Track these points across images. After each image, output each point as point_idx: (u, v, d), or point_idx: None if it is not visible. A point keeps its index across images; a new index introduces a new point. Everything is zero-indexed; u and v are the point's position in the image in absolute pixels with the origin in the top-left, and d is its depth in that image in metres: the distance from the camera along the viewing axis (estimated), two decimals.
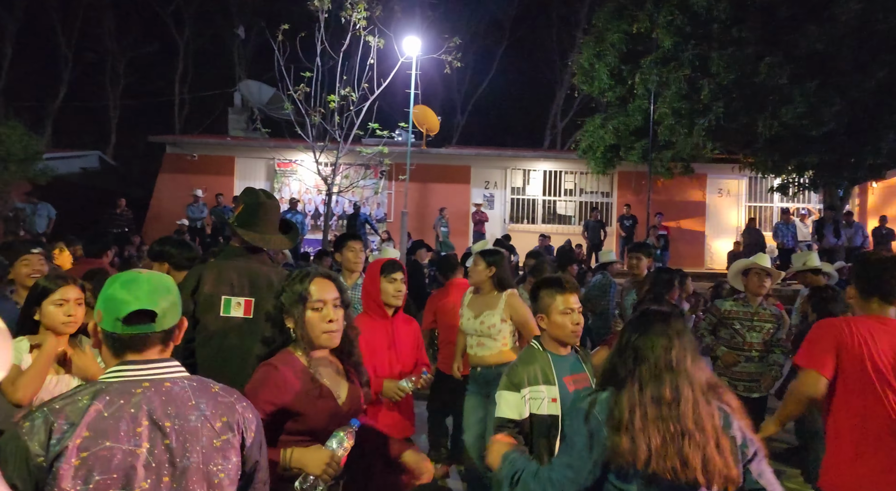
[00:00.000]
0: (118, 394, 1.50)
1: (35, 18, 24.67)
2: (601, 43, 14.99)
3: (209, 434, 1.54)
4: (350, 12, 11.53)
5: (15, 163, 13.21)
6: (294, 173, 17.10)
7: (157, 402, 1.51)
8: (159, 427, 1.49)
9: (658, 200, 16.24)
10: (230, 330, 3.00)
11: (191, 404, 1.55)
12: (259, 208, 3.13)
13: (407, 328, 3.42)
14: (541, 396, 2.57)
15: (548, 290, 2.72)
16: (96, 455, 1.42)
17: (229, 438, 1.57)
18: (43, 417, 1.44)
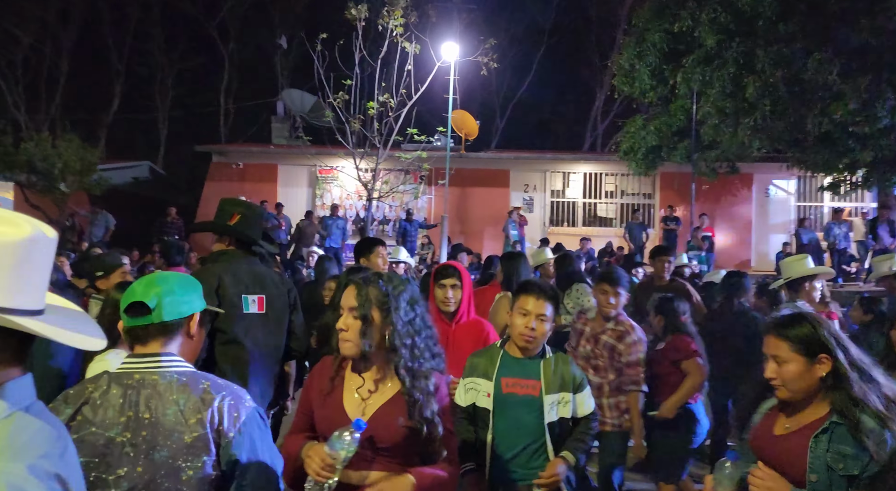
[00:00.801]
0: (113, 383, 1.64)
1: (89, 35, 25.74)
2: (642, 43, 14.77)
3: (181, 429, 1.60)
4: (387, 20, 11.66)
5: (72, 174, 13.79)
6: (335, 179, 17.36)
7: (142, 394, 1.62)
8: (139, 418, 1.59)
9: (702, 201, 15.89)
10: (251, 326, 3.26)
11: (171, 398, 1.61)
12: (260, 218, 3.58)
13: (467, 334, 3.38)
14: (477, 388, 2.75)
15: (520, 291, 2.79)
16: (83, 438, 1.56)
17: (201, 435, 1.60)
18: (62, 398, 1.64)
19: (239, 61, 27.31)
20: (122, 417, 1.60)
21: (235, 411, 1.65)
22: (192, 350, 1.77)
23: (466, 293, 3.41)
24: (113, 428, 1.58)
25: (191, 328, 1.75)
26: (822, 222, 16.80)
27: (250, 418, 1.67)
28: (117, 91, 26.30)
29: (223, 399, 1.65)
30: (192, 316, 1.75)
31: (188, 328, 1.75)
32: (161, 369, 1.66)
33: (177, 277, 1.78)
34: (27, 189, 14.13)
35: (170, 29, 26.17)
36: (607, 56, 21.72)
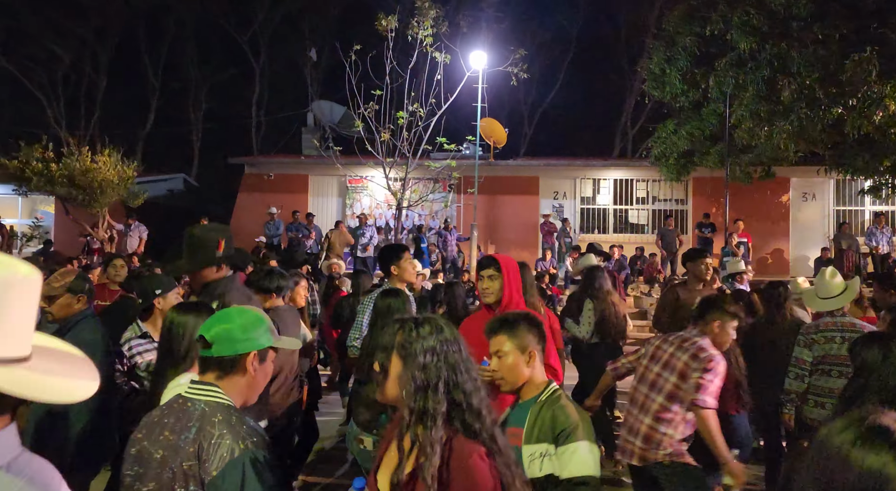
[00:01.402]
0: (169, 404, 1.82)
1: (126, 52, 26.45)
2: (672, 47, 14.60)
3: (182, 456, 1.68)
4: (416, 30, 11.75)
5: (110, 188, 14.14)
6: (365, 189, 17.49)
7: (175, 417, 1.75)
8: (168, 439, 1.72)
9: (737, 206, 15.59)
10: None
11: (188, 425, 1.72)
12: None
13: None
14: None
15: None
16: (139, 450, 1.75)
17: (192, 465, 1.66)
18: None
19: (270, 74, 27.78)
20: (161, 435, 1.73)
21: (225, 451, 1.65)
22: (247, 385, 1.84)
23: (509, 283, 3.31)
24: (155, 445, 1.72)
25: (247, 364, 1.82)
26: (863, 227, 16.34)
27: (237, 461, 1.64)
28: (153, 106, 26.96)
29: (219, 436, 1.67)
30: (248, 354, 1.82)
31: (244, 364, 1.81)
32: (197, 397, 1.77)
33: (243, 314, 1.86)
34: (68, 203, 14.53)
35: (203, 43, 26.77)
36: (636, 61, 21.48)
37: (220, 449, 1.65)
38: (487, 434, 1.70)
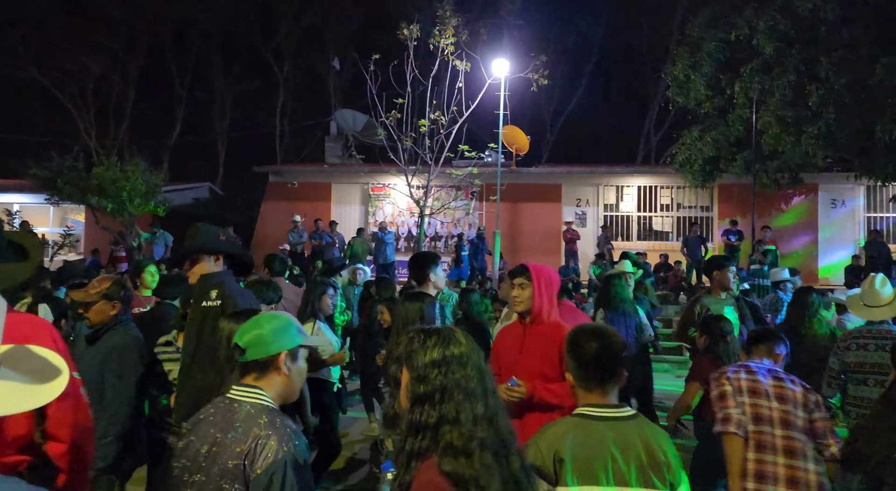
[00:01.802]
0: (216, 403, 1.96)
1: (153, 63, 27.01)
2: (697, 53, 14.48)
3: (229, 454, 1.80)
4: (438, 38, 11.81)
5: (139, 196, 14.40)
6: (387, 197, 17.57)
7: (224, 417, 1.88)
8: (215, 437, 1.85)
9: (764, 213, 15.36)
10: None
11: (235, 425, 1.84)
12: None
13: (541, 336, 3.19)
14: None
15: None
16: (186, 446, 1.91)
17: (237, 464, 1.79)
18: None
19: (293, 83, 28.12)
20: (208, 432, 1.88)
21: (269, 451, 1.76)
22: (283, 383, 1.97)
23: (540, 293, 3.22)
24: (202, 440, 1.87)
25: (280, 364, 1.95)
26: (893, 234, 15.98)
27: (280, 462, 1.75)
28: (179, 116, 27.45)
29: (266, 438, 1.79)
30: (279, 354, 1.95)
31: (277, 364, 1.95)
32: (242, 399, 1.92)
33: (271, 319, 2.01)
34: (98, 211, 14.82)
35: (228, 55, 27.22)
36: (660, 67, 21.33)
37: (265, 449, 1.76)
38: (479, 460, 1.58)
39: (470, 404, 1.64)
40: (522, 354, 3.21)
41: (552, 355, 3.07)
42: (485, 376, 1.70)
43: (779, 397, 2.98)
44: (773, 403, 2.96)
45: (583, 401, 2.18)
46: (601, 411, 2.13)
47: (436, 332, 1.74)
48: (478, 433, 1.61)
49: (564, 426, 2.14)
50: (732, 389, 3.02)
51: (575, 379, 2.20)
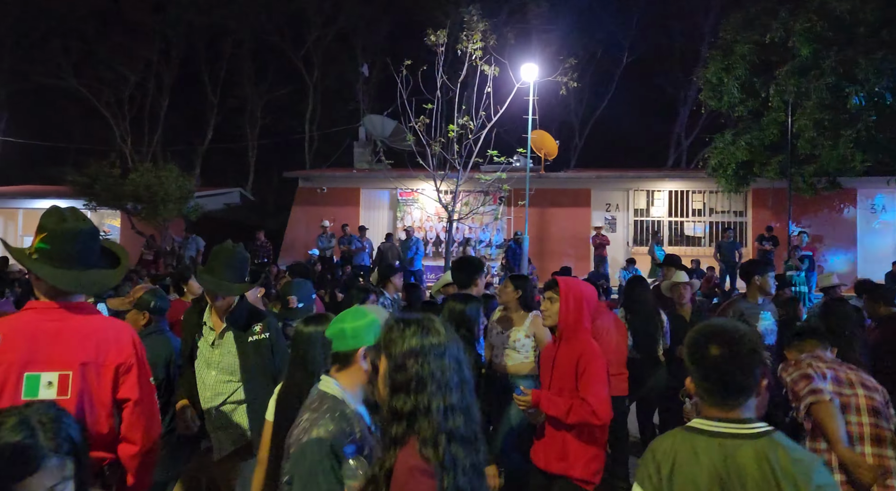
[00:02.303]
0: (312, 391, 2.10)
1: (186, 71, 27.53)
2: (730, 55, 14.24)
3: (290, 435, 1.97)
4: (466, 44, 11.81)
5: (172, 201, 14.67)
6: (416, 202, 17.60)
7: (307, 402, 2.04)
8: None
9: (800, 218, 15.00)
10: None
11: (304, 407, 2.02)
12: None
13: (568, 352, 3.19)
14: None
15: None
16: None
17: (289, 443, 1.95)
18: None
19: (323, 90, 28.40)
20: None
21: (302, 433, 1.86)
22: (361, 378, 2.02)
23: (567, 308, 3.19)
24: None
25: (357, 359, 2.02)
26: None
27: (308, 443, 1.82)
28: (211, 123, 27.93)
29: (308, 420, 1.89)
30: (357, 349, 2.02)
31: (355, 359, 2.02)
32: (319, 386, 2.04)
33: (356, 315, 2.07)
34: (133, 216, 15.13)
35: (259, 62, 27.61)
36: (691, 70, 21.04)
37: (302, 430, 1.86)
38: (446, 451, 1.61)
39: (443, 395, 1.65)
40: (554, 368, 3.26)
41: (581, 372, 3.13)
42: (462, 367, 1.71)
43: (862, 385, 2.89)
44: (859, 391, 2.87)
45: (703, 412, 1.86)
46: (717, 426, 1.77)
47: (415, 321, 1.74)
48: (448, 424, 1.63)
49: (672, 440, 1.85)
50: (815, 374, 2.89)
51: (696, 387, 1.88)
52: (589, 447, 3.12)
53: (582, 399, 3.03)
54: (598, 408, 3.01)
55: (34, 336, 1.99)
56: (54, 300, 2.07)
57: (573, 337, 3.21)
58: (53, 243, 2.10)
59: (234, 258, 3.20)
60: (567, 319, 3.21)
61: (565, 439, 3.13)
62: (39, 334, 2.00)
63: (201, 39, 26.86)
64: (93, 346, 2.08)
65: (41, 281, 2.09)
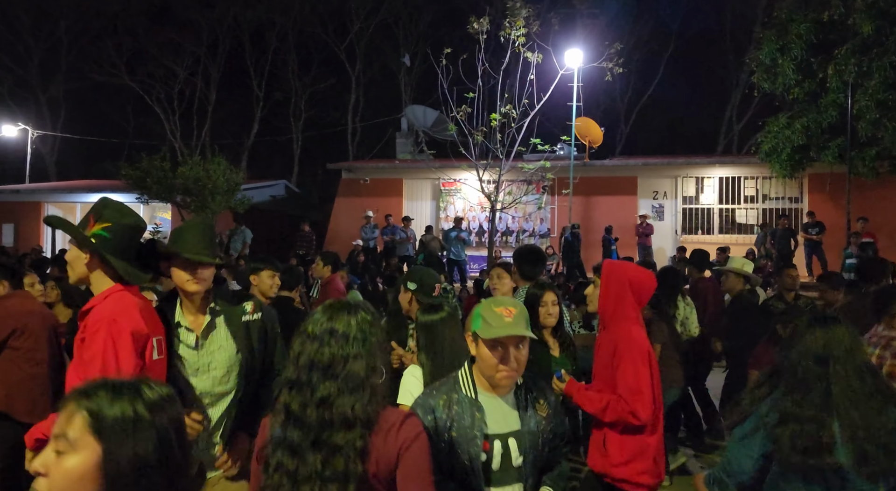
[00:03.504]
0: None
1: (233, 65, 28.07)
2: (785, 36, 13.63)
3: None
4: (509, 31, 11.62)
5: (220, 194, 14.96)
6: (458, 192, 17.53)
7: None
8: None
9: (860, 205, 14.31)
10: None
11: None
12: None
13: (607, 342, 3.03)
14: None
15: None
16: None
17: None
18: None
19: (365, 81, 28.56)
20: None
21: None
22: (478, 362, 2.09)
23: (606, 294, 3.01)
24: None
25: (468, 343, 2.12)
26: None
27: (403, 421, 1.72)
28: (257, 116, 28.43)
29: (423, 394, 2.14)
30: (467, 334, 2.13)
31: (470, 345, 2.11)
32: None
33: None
34: (182, 209, 15.51)
35: (303, 55, 27.94)
36: (743, 52, 20.30)
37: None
38: (287, 432, 1.63)
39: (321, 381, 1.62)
40: (597, 359, 3.08)
41: (610, 363, 2.94)
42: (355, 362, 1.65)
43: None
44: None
45: None
46: None
47: (340, 305, 1.73)
48: (304, 413, 1.61)
49: None
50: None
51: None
52: (631, 444, 2.85)
53: (619, 396, 2.83)
54: (636, 406, 2.78)
55: (146, 308, 2.37)
56: (119, 283, 2.34)
57: (612, 324, 2.99)
58: (115, 235, 2.32)
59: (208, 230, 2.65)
60: (606, 304, 3.01)
61: (606, 436, 2.92)
62: (145, 307, 2.35)
63: (246, 34, 27.32)
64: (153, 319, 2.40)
65: (107, 266, 2.31)
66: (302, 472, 1.60)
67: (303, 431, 1.62)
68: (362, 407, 1.62)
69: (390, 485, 1.66)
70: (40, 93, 28.00)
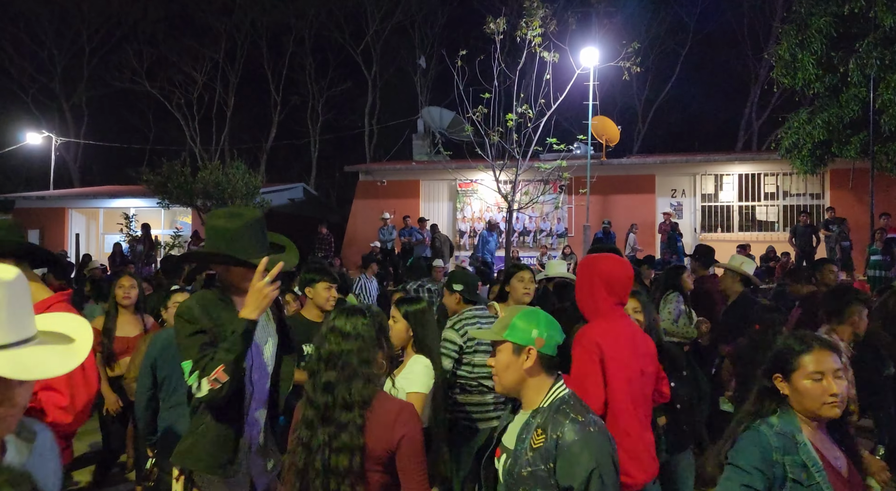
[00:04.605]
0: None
1: (251, 70, 28.35)
2: (805, 30, 13.46)
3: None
4: (525, 30, 11.61)
5: (239, 198, 15.14)
6: (475, 192, 17.54)
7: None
8: None
9: (885, 200, 14.08)
10: None
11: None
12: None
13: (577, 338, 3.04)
14: None
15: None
16: None
17: None
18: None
19: (381, 83, 28.69)
20: None
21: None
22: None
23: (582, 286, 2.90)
24: None
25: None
26: None
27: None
28: (275, 120, 28.68)
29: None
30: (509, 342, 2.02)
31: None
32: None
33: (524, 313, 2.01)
34: (203, 213, 15.71)
35: (319, 58, 28.14)
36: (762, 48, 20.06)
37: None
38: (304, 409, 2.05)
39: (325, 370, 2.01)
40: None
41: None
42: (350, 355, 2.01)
43: None
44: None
45: None
46: None
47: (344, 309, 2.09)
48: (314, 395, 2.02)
49: None
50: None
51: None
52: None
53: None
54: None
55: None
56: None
57: (589, 319, 2.81)
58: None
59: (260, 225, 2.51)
60: (581, 299, 2.85)
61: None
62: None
63: (264, 39, 27.59)
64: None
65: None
66: (314, 443, 1.98)
67: (314, 410, 2.00)
68: (357, 392, 1.98)
69: (387, 464, 2.00)
70: (63, 101, 28.52)
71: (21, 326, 1.25)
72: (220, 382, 2.17)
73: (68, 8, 26.14)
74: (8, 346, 1.22)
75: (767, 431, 1.89)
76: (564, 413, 1.87)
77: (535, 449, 1.85)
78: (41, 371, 1.26)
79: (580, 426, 1.83)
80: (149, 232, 15.80)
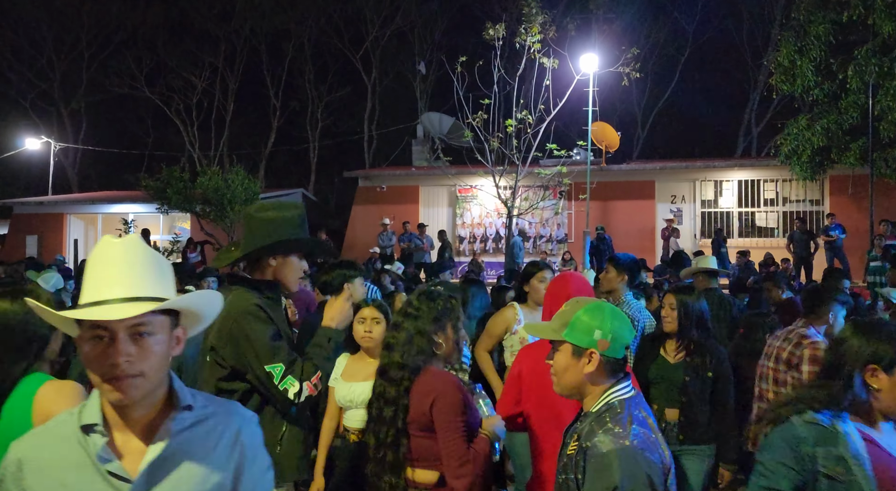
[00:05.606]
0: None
1: (250, 75, 28.37)
2: (804, 37, 13.53)
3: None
4: (524, 37, 11.63)
5: (239, 203, 15.10)
6: (475, 198, 17.54)
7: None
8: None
9: (884, 206, 14.09)
10: None
11: None
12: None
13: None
14: None
15: None
16: None
17: None
18: None
19: (381, 89, 28.70)
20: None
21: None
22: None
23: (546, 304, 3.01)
24: None
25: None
26: None
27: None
28: (274, 125, 28.68)
29: None
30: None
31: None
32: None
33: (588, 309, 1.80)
34: (202, 219, 15.68)
35: (319, 64, 28.16)
36: (761, 54, 20.12)
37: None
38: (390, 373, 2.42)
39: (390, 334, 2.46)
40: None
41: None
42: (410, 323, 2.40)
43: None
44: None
45: None
46: None
47: (426, 292, 2.50)
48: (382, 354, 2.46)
49: None
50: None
51: None
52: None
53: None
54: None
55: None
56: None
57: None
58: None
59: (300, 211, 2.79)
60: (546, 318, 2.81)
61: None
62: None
63: (263, 44, 27.61)
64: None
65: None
66: (376, 391, 2.40)
67: (382, 367, 2.42)
68: (410, 357, 2.34)
69: (428, 429, 2.26)
70: (62, 106, 28.50)
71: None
72: (318, 389, 2.26)
73: (67, 13, 26.16)
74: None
75: (797, 420, 1.73)
76: (602, 422, 1.70)
77: (568, 456, 1.75)
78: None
79: (614, 437, 1.64)
80: (148, 237, 15.77)
